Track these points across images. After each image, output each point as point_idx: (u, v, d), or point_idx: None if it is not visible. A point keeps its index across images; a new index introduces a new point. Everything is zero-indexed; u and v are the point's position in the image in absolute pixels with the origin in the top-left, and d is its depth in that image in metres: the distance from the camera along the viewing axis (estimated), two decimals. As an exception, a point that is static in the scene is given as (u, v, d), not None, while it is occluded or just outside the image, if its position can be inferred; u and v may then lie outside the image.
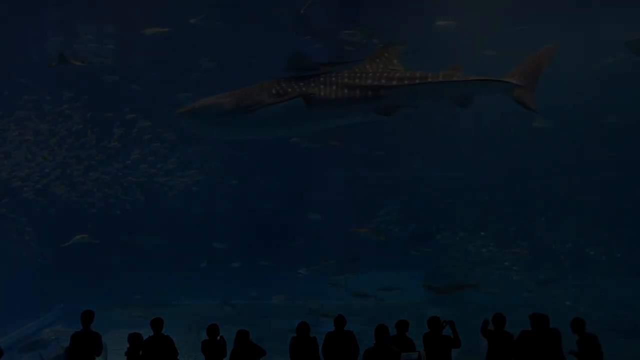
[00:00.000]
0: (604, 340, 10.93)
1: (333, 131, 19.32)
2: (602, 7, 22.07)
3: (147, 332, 11.39)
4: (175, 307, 21.86)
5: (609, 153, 22.92)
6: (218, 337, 11.31)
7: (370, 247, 21.45)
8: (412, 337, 11.51)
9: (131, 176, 23.59)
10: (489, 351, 11.24)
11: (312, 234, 23.08)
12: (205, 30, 23.44)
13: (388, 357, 10.56)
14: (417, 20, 22.11)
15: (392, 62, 17.50)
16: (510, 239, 23.50)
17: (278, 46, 22.06)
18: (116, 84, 23.87)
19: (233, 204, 25.12)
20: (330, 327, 11.42)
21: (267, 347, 11.54)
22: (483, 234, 23.36)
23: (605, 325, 16.39)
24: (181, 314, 20.15)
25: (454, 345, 11.09)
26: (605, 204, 23.59)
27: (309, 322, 11.41)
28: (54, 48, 24.40)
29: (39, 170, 23.16)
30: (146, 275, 22.96)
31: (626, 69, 22.74)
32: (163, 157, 24.10)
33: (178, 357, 11.32)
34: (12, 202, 22.72)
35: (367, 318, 18.48)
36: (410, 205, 24.39)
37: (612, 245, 23.11)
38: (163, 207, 23.91)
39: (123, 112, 23.69)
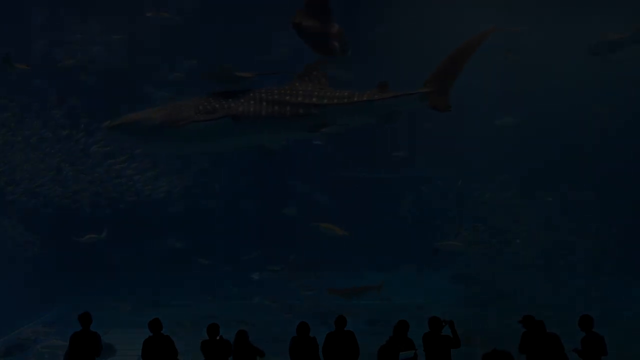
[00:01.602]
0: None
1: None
2: None
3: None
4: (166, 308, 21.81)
5: None
6: (218, 337, 11.24)
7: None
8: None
9: (116, 178, 23.57)
10: None
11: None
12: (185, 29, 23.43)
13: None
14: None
15: (320, 81, 17.60)
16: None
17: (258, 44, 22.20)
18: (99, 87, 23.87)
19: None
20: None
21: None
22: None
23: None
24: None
25: (454, 345, 11.04)
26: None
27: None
28: (39, 48, 24.39)
29: (29, 172, 23.11)
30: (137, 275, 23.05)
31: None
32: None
33: (178, 357, 11.26)
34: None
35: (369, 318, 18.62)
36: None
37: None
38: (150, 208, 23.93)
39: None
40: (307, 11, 15.54)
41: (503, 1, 22.35)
